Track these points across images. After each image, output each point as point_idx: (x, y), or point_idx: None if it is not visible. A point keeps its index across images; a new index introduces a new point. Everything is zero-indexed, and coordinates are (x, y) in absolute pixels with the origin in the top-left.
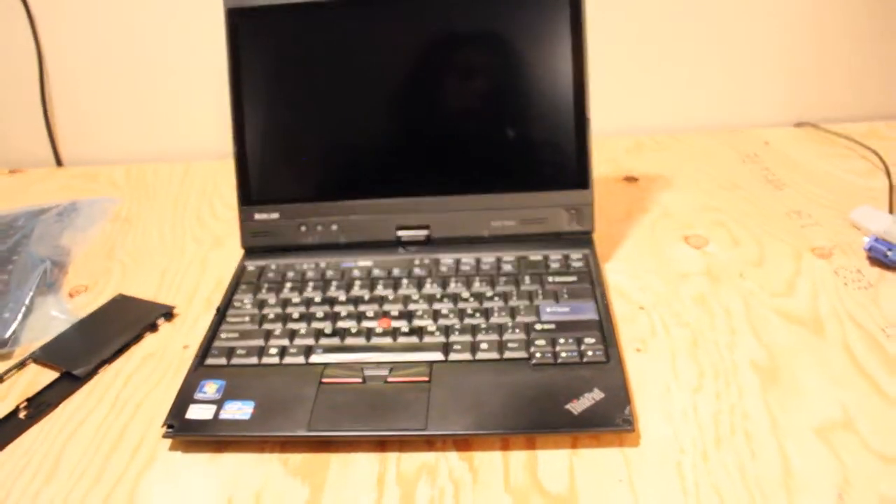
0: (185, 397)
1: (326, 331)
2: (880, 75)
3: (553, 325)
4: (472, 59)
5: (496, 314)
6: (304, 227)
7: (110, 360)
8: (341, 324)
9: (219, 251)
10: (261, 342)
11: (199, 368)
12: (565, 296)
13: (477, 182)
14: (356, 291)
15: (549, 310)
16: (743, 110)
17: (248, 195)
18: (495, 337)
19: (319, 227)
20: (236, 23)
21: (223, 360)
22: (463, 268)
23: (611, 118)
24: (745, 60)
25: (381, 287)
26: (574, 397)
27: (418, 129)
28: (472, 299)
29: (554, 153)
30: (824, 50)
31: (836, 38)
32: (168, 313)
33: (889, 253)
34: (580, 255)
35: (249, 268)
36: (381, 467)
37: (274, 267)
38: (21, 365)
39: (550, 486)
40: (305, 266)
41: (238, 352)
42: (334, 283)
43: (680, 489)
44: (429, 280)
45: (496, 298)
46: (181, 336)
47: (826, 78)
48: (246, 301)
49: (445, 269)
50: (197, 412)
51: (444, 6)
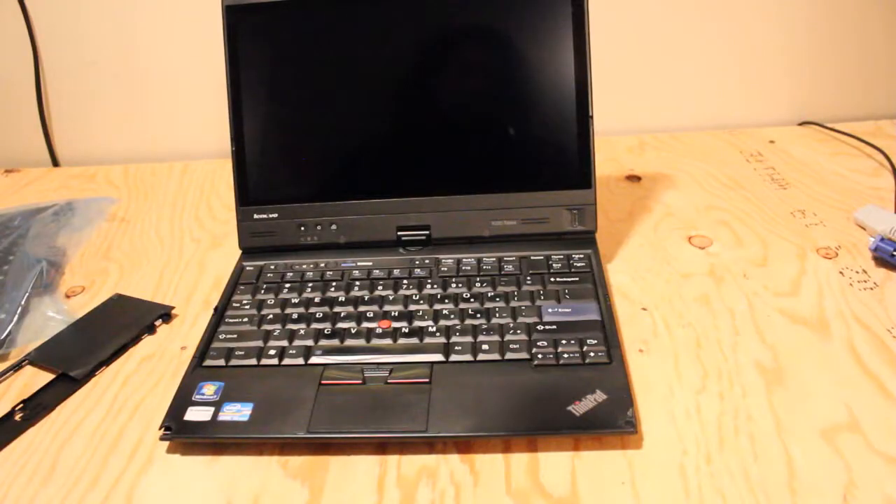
0: (183, 399)
1: (326, 332)
2: (886, 73)
3: (555, 326)
4: (473, 57)
5: (497, 315)
6: (303, 227)
7: (108, 362)
8: (341, 325)
9: (217, 251)
10: (260, 343)
11: (198, 370)
12: (567, 296)
13: (478, 182)
14: (356, 292)
15: (550, 310)
16: (747, 109)
17: (246, 195)
18: (496, 338)
19: (319, 227)
20: (234, 21)
21: (221, 362)
22: (464, 268)
23: (613, 117)
24: (749, 59)
25: (381, 287)
26: (576, 399)
27: (419, 128)
28: (472, 300)
29: (556, 152)
30: (829, 48)
31: (841, 37)
32: (166, 314)
33: (895, 253)
34: (582, 256)
35: (248, 268)
36: (382, 469)
37: (273, 267)
38: (17, 367)
39: (552, 488)
40: (305, 266)
41: (237, 353)
42: (334, 283)
43: (683, 491)
44: (429, 280)
45: (497, 299)
46: (179, 337)
47: (831, 76)
48: (244, 302)
49: (446, 269)
50: (195, 414)
51: (445, 4)
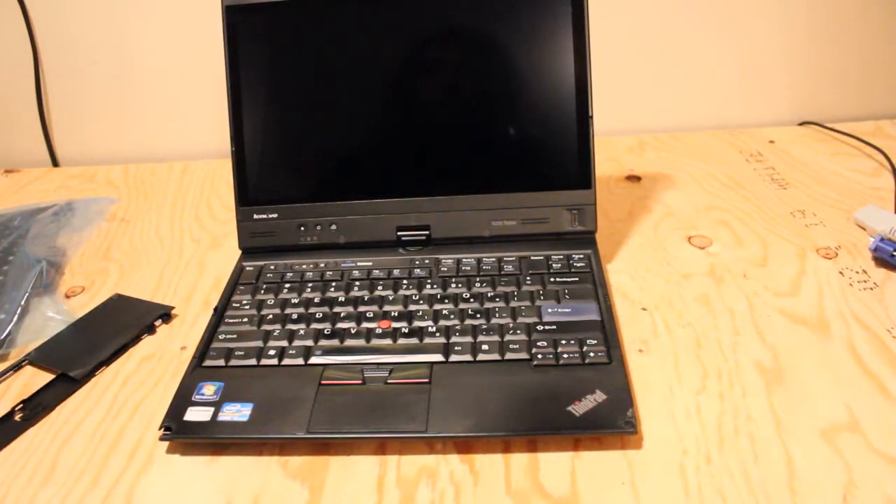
0: (182, 399)
1: (326, 332)
2: (886, 73)
3: (555, 326)
4: (473, 58)
5: (497, 315)
6: (303, 228)
7: (107, 362)
8: (341, 325)
9: (217, 251)
10: (259, 343)
11: (197, 370)
12: (567, 296)
13: (478, 182)
14: (356, 292)
15: (550, 310)
16: (747, 109)
17: (246, 195)
18: (496, 338)
19: (318, 227)
20: (234, 21)
21: (221, 362)
22: (464, 268)
23: (613, 117)
24: (749, 59)
25: (381, 288)
26: (576, 399)
27: (419, 128)
28: (472, 300)
29: (556, 152)
30: (829, 48)
31: (841, 37)
32: (166, 314)
33: (895, 253)
34: (582, 256)
35: (248, 268)
36: (381, 469)
37: (273, 267)
38: (17, 367)
39: (552, 488)
40: (304, 266)
41: (236, 353)
42: (334, 283)
43: (683, 492)
44: (429, 281)
45: (497, 299)
46: (179, 337)
47: (831, 76)
48: (244, 302)
49: (446, 269)
50: (195, 414)
51: (445, 5)
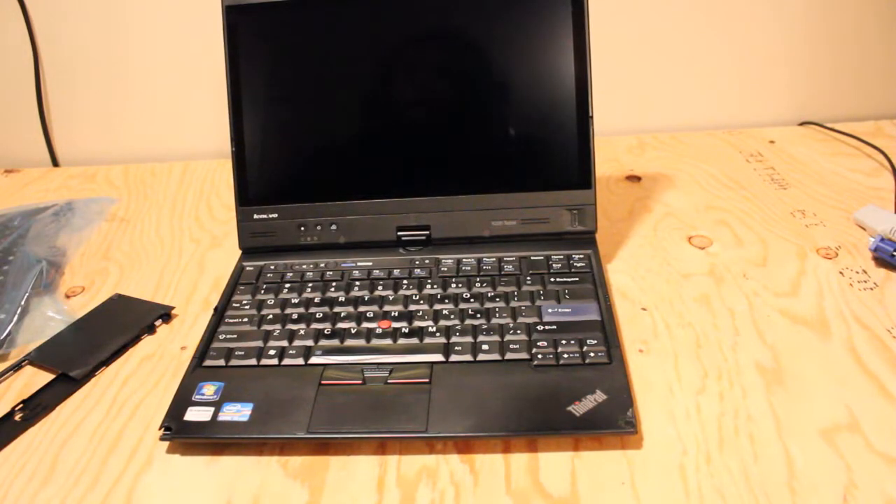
0: (183, 399)
1: (326, 332)
2: (886, 73)
3: (555, 326)
4: (473, 57)
5: (497, 315)
6: (303, 228)
7: (107, 362)
8: (341, 325)
9: (217, 251)
10: (259, 343)
11: (197, 370)
12: (567, 296)
13: (478, 182)
14: (356, 292)
15: (550, 310)
16: (747, 109)
17: (246, 195)
18: (496, 338)
19: (318, 227)
20: (234, 21)
21: (221, 362)
22: (464, 268)
23: (613, 117)
24: (749, 59)
25: (381, 288)
26: (576, 399)
27: (419, 128)
28: (472, 300)
29: (556, 152)
30: (829, 48)
31: (841, 37)
32: (166, 314)
33: (895, 253)
34: (582, 256)
35: (248, 268)
36: (382, 469)
37: (273, 267)
38: (17, 367)
39: (552, 488)
40: (304, 266)
41: (236, 353)
42: (334, 283)
43: (683, 492)
44: (429, 281)
45: (497, 299)
46: (179, 337)
47: (831, 76)
48: (244, 302)
49: (446, 269)
50: (195, 414)
51: (445, 5)
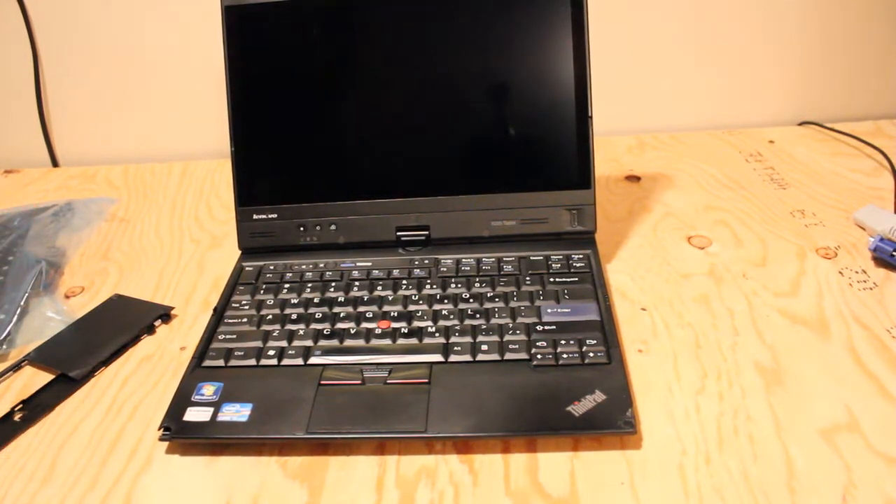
0: (182, 399)
1: (325, 332)
2: (885, 73)
3: (554, 326)
4: (473, 58)
5: (497, 315)
6: (302, 228)
7: (107, 362)
8: (340, 325)
9: (216, 252)
10: (259, 343)
11: (197, 370)
12: (566, 296)
13: (477, 182)
14: (355, 292)
15: (550, 310)
16: (746, 109)
17: (246, 195)
18: (496, 338)
19: (318, 227)
20: (234, 21)
21: (221, 362)
22: (463, 268)
23: (613, 117)
24: (749, 59)
25: (380, 288)
26: (575, 399)
27: (418, 128)
28: (472, 300)
29: (555, 152)
30: (829, 48)
31: (841, 37)
32: (165, 314)
33: (894, 253)
34: (581, 256)
35: (247, 268)
36: (381, 470)
37: (272, 268)
38: (16, 367)
39: (551, 489)
40: (304, 267)
41: (236, 353)
42: (333, 283)
43: (682, 492)
44: (429, 281)
45: (497, 299)
46: (178, 337)
47: (831, 76)
48: (244, 302)
49: (445, 269)
50: (194, 414)
51: (445, 5)
